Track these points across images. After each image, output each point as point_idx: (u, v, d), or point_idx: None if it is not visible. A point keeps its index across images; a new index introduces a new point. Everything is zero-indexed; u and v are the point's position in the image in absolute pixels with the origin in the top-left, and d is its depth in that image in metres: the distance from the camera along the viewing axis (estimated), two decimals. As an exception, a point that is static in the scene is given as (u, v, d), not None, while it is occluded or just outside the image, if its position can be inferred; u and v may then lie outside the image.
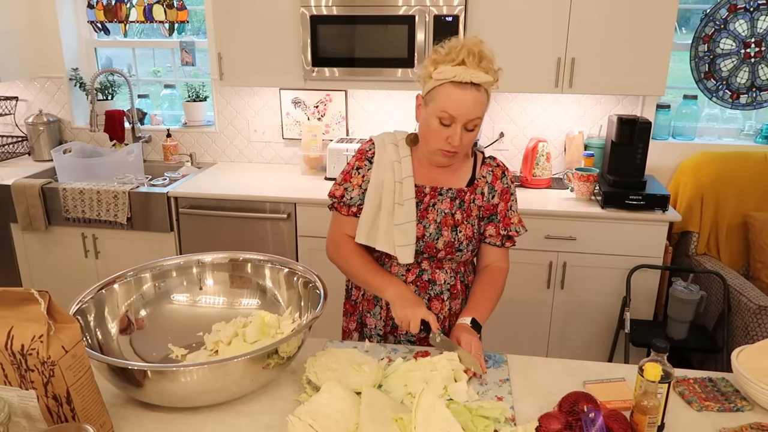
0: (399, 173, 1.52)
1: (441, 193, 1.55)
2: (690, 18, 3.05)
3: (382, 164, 1.53)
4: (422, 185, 1.55)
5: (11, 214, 2.98)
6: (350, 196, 1.56)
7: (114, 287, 1.46)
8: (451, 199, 1.55)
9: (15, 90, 3.53)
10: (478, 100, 1.39)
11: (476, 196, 1.57)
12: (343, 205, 1.57)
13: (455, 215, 1.54)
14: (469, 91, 1.38)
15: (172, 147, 3.38)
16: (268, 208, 2.81)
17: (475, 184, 1.57)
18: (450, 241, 1.53)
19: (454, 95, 1.38)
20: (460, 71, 1.36)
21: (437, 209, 1.54)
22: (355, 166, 1.57)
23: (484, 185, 1.57)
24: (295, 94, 3.24)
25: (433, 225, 1.53)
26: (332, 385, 1.22)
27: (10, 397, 1.05)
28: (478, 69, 1.37)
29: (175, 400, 1.22)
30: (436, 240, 1.53)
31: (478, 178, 1.57)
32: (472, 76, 1.36)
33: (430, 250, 1.54)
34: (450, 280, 1.59)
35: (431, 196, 1.55)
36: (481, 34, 2.63)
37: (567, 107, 3.07)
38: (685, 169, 2.93)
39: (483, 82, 1.38)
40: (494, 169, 1.58)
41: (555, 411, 1.18)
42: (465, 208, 1.55)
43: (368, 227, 1.53)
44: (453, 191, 1.55)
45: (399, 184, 1.51)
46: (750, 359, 1.32)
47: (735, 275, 2.62)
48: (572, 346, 2.82)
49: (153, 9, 3.33)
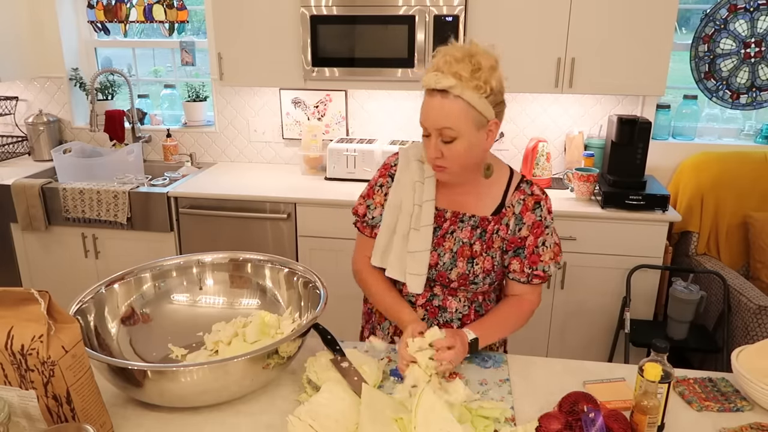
0: (420, 195, 1.42)
1: (462, 220, 1.43)
2: (690, 18, 3.05)
3: (403, 183, 1.44)
4: (443, 209, 1.44)
5: (11, 214, 2.98)
6: (372, 215, 1.49)
7: (114, 287, 1.46)
8: (473, 227, 1.42)
9: (15, 90, 3.53)
10: (442, 107, 1.27)
11: (501, 226, 1.42)
12: (366, 225, 1.51)
13: (473, 246, 1.42)
14: (435, 99, 1.28)
15: (172, 147, 3.38)
16: (268, 208, 2.81)
17: (502, 213, 1.42)
18: (464, 273, 1.42)
19: (424, 103, 1.32)
20: (429, 78, 1.28)
21: (455, 237, 1.43)
22: (378, 182, 1.50)
23: (511, 216, 1.42)
24: (295, 94, 3.24)
25: (448, 254, 1.42)
26: (332, 385, 1.22)
27: (10, 397, 1.05)
28: (446, 74, 1.25)
29: (175, 400, 1.22)
30: (450, 270, 1.43)
31: (507, 206, 1.43)
32: (436, 82, 1.26)
33: (442, 279, 1.44)
34: (463, 309, 1.48)
35: (451, 222, 1.44)
36: (481, 34, 2.66)
37: (567, 107, 3.07)
38: (685, 169, 2.93)
39: (448, 87, 1.25)
40: (526, 198, 1.42)
41: (555, 411, 1.18)
42: (486, 238, 1.42)
43: (382, 250, 1.46)
44: (476, 219, 1.43)
45: (418, 208, 1.41)
46: (750, 359, 1.32)
47: (735, 275, 2.62)
48: (572, 346, 2.82)
49: (153, 9, 3.33)
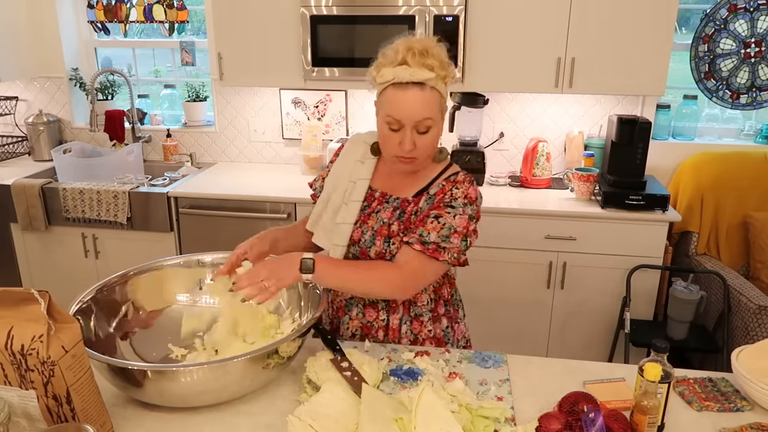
0: (357, 173, 1.51)
1: (387, 201, 1.48)
2: (690, 18, 3.05)
3: (344, 161, 1.55)
4: (375, 189, 1.51)
5: (11, 214, 2.98)
6: (316, 186, 1.64)
7: (114, 287, 1.46)
8: (394, 208, 1.46)
9: (15, 90, 3.53)
10: (423, 99, 1.31)
11: (418, 208, 1.45)
12: (315, 193, 1.64)
13: (392, 226, 1.44)
14: (411, 91, 1.31)
15: (172, 147, 3.38)
16: (268, 208, 2.81)
17: (422, 195, 1.45)
18: (381, 252, 1.44)
19: (396, 97, 1.32)
20: (399, 71, 1.30)
21: (378, 217, 1.47)
22: (333, 160, 1.61)
23: (427, 197, 1.44)
24: (295, 94, 3.24)
25: (369, 232, 1.46)
26: (332, 385, 1.22)
27: (10, 397, 1.05)
28: (421, 67, 1.29)
29: (175, 400, 1.22)
30: (369, 248, 1.46)
31: (429, 190, 1.45)
32: (412, 75, 1.29)
33: (363, 257, 1.47)
34: None
35: (379, 202, 1.49)
36: (480, 34, 2.66)
37: (567, 107, 3.07)
38: (685, 169, 2.93)
39: (426, 80, 1.30)
40: (446, 183, 1.43)
41: (555, 411, 1.18)
42: (404, 219, 1.44)
43: (316, 217, 1.56)
44: (398, 200, 1.47)
45: (352, 184, 1.51)
46: (750, 359, 1.32)
47: (735, 275, 2.62)
48: (572, 346, 2.82)
49: (153, 9, 3.33)
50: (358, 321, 1.54)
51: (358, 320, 1.54)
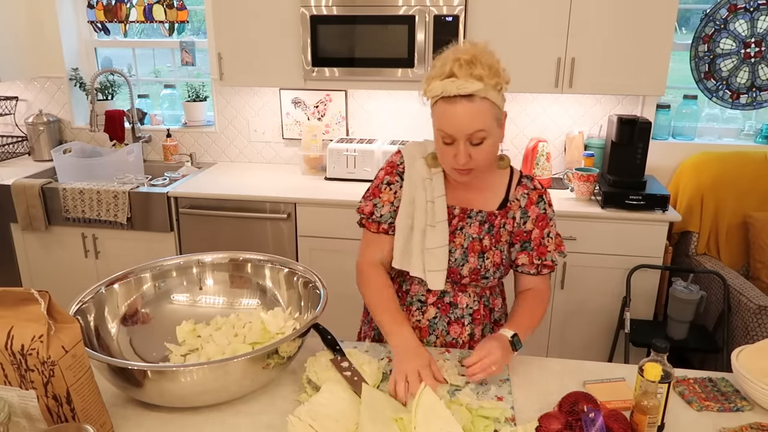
0: (431, 192, 1.43)
1: (470, 216, 1.46)
2: (690, 18, 3.05)
3: (414, 181, 1.44)
4: (452, 206, 1.46)
5: (11, 214, 2.98)
6: (380, 213, 1.47)
7: (114, 287, 1.46)
8: (480, 222, 1.45)
9: (15, 90, 3.53)
10: (473, 111, 1.27)
11: (507, 220, 1.46)
12: (373, 222, 1.49)
13: (483, 240, 1.44)
14: (460, 105, 1.27)
15: (172, 147, 3.38)
16: (268, 208, 2.81)
17: (508, 207, 1.46)
18: (476, 268, 1.44)
19: (446, 112, 1.29)
20: (447, 85, 1.26)
21: (465, 233, 1.45)
22: (384, 180, 1.48)
23: (517, 209, 1.46)
24: (295, 94, 3.24)
25: (459, 250, 1.44)
26: (332, 385, 1.22)
27: (10, 397, 1.05)
28: (468, 78, 1.25)
29: (175, 400, 1.22)
30: (462, 266, 1.44)
31: (512, 200, 1.46)
32: (459, 89, 1.25)
33: (454, 276, 1.46)
34: (473, 305, 1.50)
35: (460, 218, 1.46)
36: (480, 34, 2.66)
37: (567, 107, 3.07)
38: (685, 169, 2.93)
39: (475, 91, 1.25)
40: (530, 192, 1.47)
41: (555, 411, 1.18)
42: (494, 233, 1.45)
43: (401, 250, 1.45)
44: (483, 214, 1.45)
45: (431, 204, 1.42)
46: (750, 359, 1.32)
47: (735, 275, 2.62)
48: (572, 346, 2.82)
49: (153, 9, 3.33)
50: (442, 339, 1.53)
51: (442, 338, 1.53)
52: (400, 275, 1.54)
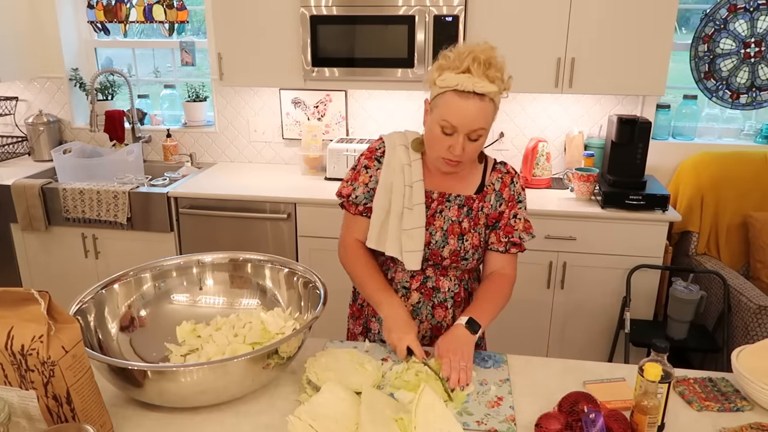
0: (409, 177, 1.48)
1: (449, 200, 1.51)
2: (690, 18, 3.05)
3: (392, 166, 1.50)
4: (430, 190, 1.51)
5: (11, 214, 2.98)
6: (356, 194, 1.53)
7: (114, 287, 1.46)
8: (459, 206, 1.51)
9: (15, 90, 3.53)
10: (481, 110, 1.33)
11: (484, 203, 1.52)
12: (351, 203, 1.55)
13: (462, 223, 1.50)
14: (472, 101, 1.32)
15: (172, 147, 3.38)
16: (268, 208, 2.81)
17: (484, 191, 1.53)
18: (456, 250, 1.50)
19: (456, 105, 1.33)
20: (463, 79, 1.30)
21: (444, 216, 1.50)
22: (363, 164, 1.54)
23: (492, 193, 1.53)
24: (295, 94, 3.24)
25: (439, 232, 1.50)
26: (332, 385, 1.22)
27: (10, 397, 1.05)
28: (483, 78, 1.31)
29: (175, 400, 1.22)
30: (442, 248, 1.50)
31: (487, 185, 1.53)
32: (475, 86, 1.30)
33: (435, 258, 1.51)
34: (454, 288, 1.56)
35: (439, 202, 1.51)
36: (480, 34, 2.66)
37: (567, 107, 3.07)
38: (685, 169, 2.93)
39: (487, 92, 1.32)
40: (503, 176, 1.54)
41: (555, 411, 1.18)
42: (473, 216, 1.51)
43: (377, 231, 1.50)
44: (461, 198, 1.51)
45: (409, 188, 1.48)
46: (750, 359, 1.32)
47: (735, 275, 2.62)
48: (572, 346, 2.82)
49: (153, 9, 3.33)
50: (428, 323, 1.57)
51: (428, 322, 1.57)
52: (384, 264, 1.58)
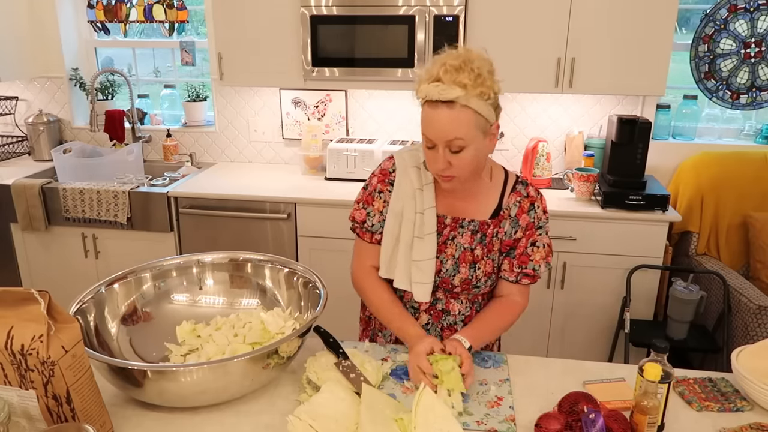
0: (421, 203, 1.41)
1: (462, 225, 1.44)
2: (690, 18, 3.05)
3: (403, 191, 1.43)
4: (443, 215, 1.44)
5: (11, 214, 2.98)
6: (372, 222, 1.48)
7: (114, 287, 1.46)
8: (473, 232, 1.43)
9: (15, 90, 3.53)
10: (451, 118, 1.25)
11: (499, 229, 1.44)
12: (366, 231, 1.49)
13: (475, 251, 1.43)
14: (441, 110, 1.25)
15: (172, 147, 3.38)
16: (268, 208, 2.81)
17: (500, 215, 1.44)
18: (467, 279, 1.44)
19: (428, 116, 1.28)
20: (430, 89, 1.25)
21: (456, 243, 1.43)
22: (377, 188, 1.48)
23: (508, 218, 1.44)
24: (295, 94, 3.24)
25: (450, 260, 1.43)
26: (332, 385, 1.22)
27: (10, 397, 1.05)
28: (452, 84, 1.23)
29: (174, 400, 1.22)
30: (453, 276, 1.44)
31: (504, 208, 1.44)
32: (440, 94, 1.23)
33: (445, 285, 1.46)
34: (465, 311, 1.51)
35: (451, 228, 1.44)
36: (481, 34, 2.66)
37: (567, 107, 3.07)
38: (685, 169, 2.93)
39: (455, 98, 1.23)
40: (522, 200, 1.45)
41: (555, 411, 1.18)
42: (486, 242, 1.44)
43: (387, 260, 1.46)
44: (475, 224, 1.43)
45: (420, 215, 1.41)
46: (750, 359, 1.32)
47: (735, 275, 2.62)
48: (572, 346, 2.82)
49: (153, 9, 3.33)
50: None
51: None
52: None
